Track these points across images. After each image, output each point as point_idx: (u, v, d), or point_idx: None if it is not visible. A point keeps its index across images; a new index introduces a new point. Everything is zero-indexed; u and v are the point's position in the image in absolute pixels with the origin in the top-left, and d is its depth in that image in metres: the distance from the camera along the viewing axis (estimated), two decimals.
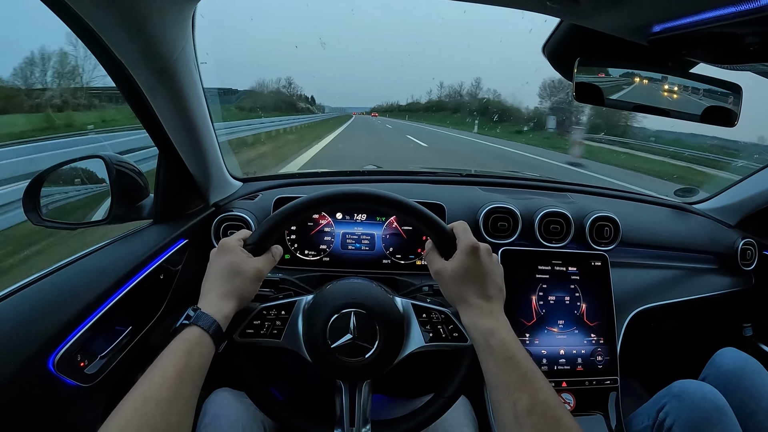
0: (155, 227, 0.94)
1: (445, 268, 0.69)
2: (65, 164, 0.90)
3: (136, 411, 0.49)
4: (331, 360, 0.69)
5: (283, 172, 1.67)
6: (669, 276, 1.23)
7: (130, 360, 0.80)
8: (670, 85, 0.82)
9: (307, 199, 0.71)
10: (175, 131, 0.85)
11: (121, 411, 0.49)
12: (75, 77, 8.83)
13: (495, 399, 0.60)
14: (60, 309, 0.68)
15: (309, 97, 71.76)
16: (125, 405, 0.50)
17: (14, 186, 3.44)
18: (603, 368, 0.99)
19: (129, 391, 0.51)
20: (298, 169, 4.30)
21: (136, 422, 0.48)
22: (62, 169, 0.91)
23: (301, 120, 18.13)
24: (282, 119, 16.01)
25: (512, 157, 10.88)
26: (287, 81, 49.01)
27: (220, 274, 0.67)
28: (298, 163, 7.51)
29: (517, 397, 0.57)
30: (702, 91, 0.82)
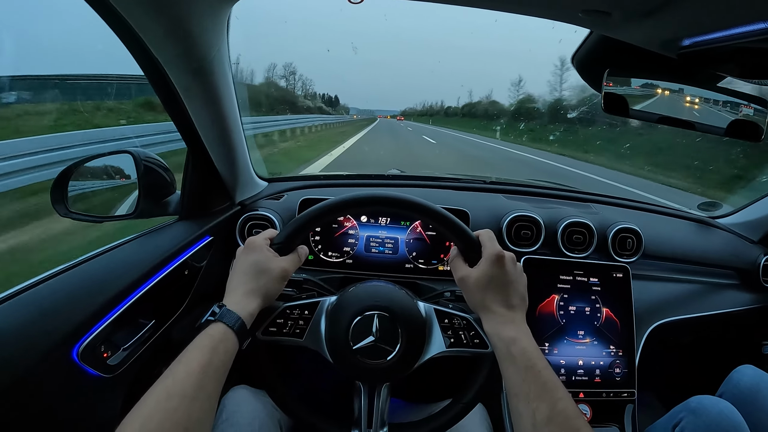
0: (181, 223, 0.97)
1: (470, 276, 0.71)
2: (94, 158, 0.94)
3: (159, 404, 0.51)
4: (352, 361, 0.71)
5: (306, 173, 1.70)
6: (690, 290, 1.24)
7: (151, 353, 0.82)
8: (696, 97, 0.84)
9: (335, 201, 0.74)
10: (206, 130, 0.89)
11: (145, 404, 0.51)
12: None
13: (514, 407, 0.62)
14: (87, 300, 0.71)
15: (332, 97, 71.89)
16: (148, 398, 0.52)
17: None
18: (621, 380, 1.01)
19: (152, 384, 0.53)
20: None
21: (159, 416, 0.50)
22: (90, 163, 0.94)
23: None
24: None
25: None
26: (289, 73, 48.18)
27: (246, 272, 0.69)
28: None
29: (536, 406, 0.59)
30: (729, 105, 0.84)
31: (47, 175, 3.99)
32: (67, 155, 4.39)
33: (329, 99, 71.01)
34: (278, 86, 42.19)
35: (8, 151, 4.01)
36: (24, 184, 3.92)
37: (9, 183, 3.85)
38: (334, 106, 66.65)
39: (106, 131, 5.90)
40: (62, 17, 13.89)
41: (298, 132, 15.04)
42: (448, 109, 69.85)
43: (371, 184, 1.35)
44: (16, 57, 5.96)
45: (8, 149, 4.05)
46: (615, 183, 7.77)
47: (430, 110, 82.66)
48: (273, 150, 9.94)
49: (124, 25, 0.65)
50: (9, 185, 3.84)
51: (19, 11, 5.98)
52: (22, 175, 3.96)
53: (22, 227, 3.21)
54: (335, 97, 74.96)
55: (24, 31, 6.21)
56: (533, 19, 0.76)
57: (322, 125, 20.09)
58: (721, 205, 1.43)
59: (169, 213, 0.97)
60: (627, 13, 0.66)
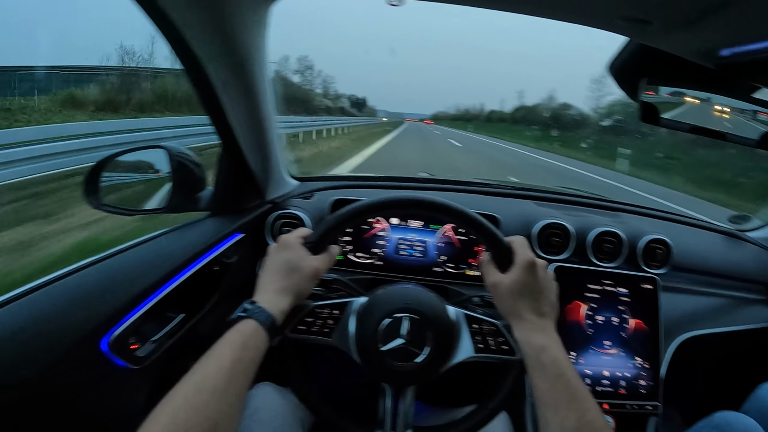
0: (212, 219, 0.99)
1: (502, 282, 0.72)
2: (127, 152, 0.96)
3: (188, 398, 0.52)
4: (379, 362, 0.72)
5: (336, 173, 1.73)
6: (717, 304, 1.23)
7: (178, 346, 0.84)
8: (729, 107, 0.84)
9: (371, 201, 0.75)
10: (241, 127, 0.90)
11: (174, 398, 0.52)
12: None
13: (542, 415, 0.63)
14: (118, 292, 0.72)
15: (360, 98, 71.88)
16: (178, 392, 0.52)
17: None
18: (645, 393, 1.00)
19: (178, 377, 0.54)
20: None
21: (189, 410, 0.50)
22: (123, 157, 0.96)
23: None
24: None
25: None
26: (304, 67, 47.49)
27: (279, 270, 0.71)
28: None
29: (565, 415, 0.60)
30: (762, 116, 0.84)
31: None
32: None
33: (356, 100, 71.01)
34: (287, 81, 41.08)
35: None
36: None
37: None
38: (360, 108, 66.50)
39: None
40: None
41: (313, 136, 14.39)
42: (491, 114, 67.46)
43: (401, 186, 1.36)
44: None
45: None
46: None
47: (466, 114, 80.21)
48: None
49: (167, 21, 0.67)
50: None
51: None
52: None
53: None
54: (363, 99, 74.99)
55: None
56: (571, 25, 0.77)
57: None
58: (751, 219, 1.42)
59: (199, 208, 0.99)
60: (667, 23, 0.67)
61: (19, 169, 4.25)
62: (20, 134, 5.07)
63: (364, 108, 68.34)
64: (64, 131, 5.12)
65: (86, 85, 6.27)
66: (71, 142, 4.88)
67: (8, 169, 4.14)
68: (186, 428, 0.49)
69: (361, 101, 72.21)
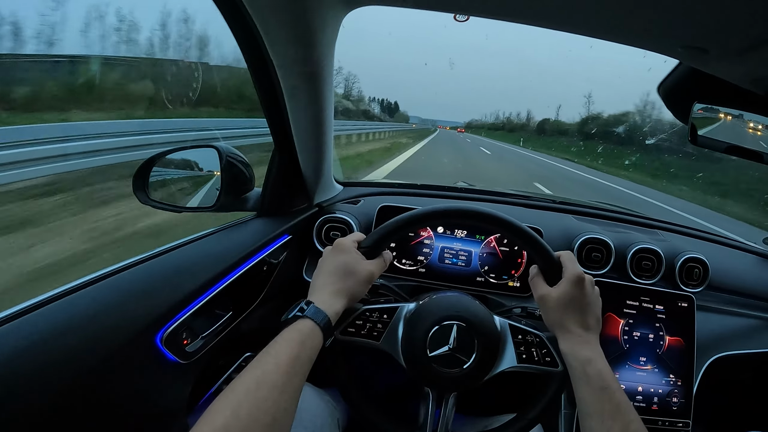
0: (260, 220, 1.02)
1: (550, 295, 0.74)
2: (179, 150, 0.98)
3: (249, 393, 0.53)
4: (426, 368, 0.75)
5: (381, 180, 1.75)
6: (752, 325, 1.23)
7: (223, 343, 0.86)
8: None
9: (424, 211, 0.78)
10: (300, 131, 0.93)
11: (234, 392, 0.53)
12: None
13: (587, 426, 0.66)
14: (172, 288, 0.74)
15: (391, 103, 70.93)
16: (238, 387, 0.54)
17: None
18: (677, 410, 1.01)
19: (219, 373, 0.56)
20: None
21: (250, 404, 0.52)
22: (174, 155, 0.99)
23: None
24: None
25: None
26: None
27: (334, 272, 0.73)
28: None
29: (610, 425, 0.62)
30: None
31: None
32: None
33: (388, 105, 70.23)
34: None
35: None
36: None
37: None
38: (392, 114, 65.68)
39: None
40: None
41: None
42: (544, 123, 61.07)
43: (443, 195, 1.38)
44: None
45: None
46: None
47: (508, 123, 76.33)
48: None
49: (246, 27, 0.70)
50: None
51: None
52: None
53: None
54: (394, 104, 74.09)
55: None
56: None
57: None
58: None
59: (247, 209, 1.02)
60: (723, 51, 0.69)
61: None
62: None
63: (396, 113, 67.48)
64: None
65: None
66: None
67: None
68: (248, 422, 0.51)
69: (393, 106, 71.52)
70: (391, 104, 71.45)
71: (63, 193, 3.74)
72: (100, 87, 5.35)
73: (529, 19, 0.72)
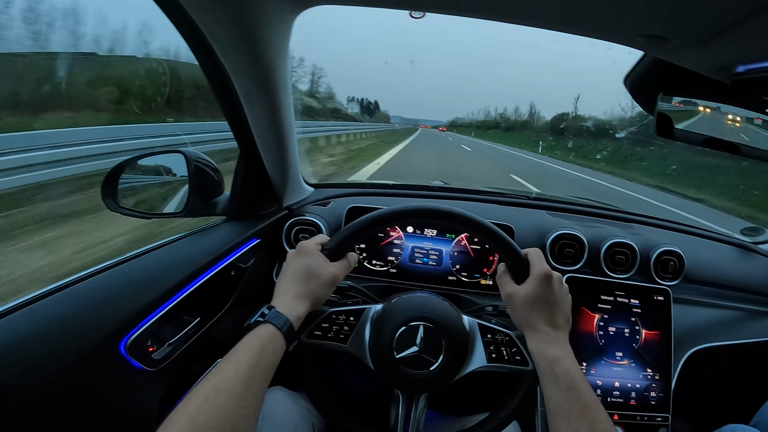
0: (229, 224, 1.01)
1: (517, 293, 0.73)
2: (146, 156, 0.98)
3: (207, 401, 0.53)
4: (394, 369, 0.74)
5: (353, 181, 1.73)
6: (729, 317, 1.23)
7: (193, 350, 0.85)
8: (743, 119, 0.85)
9: (388, 211, 0.76)
10: (261, 135, 0.93)
11: (193, 400, 0.53)
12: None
13: (555, 426, 0.64)
14: (137, 295, 0.73)
15: (371, 102, 70.08)
16: (196, 395, 0.53)
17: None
18: (655, 404, 1.01)
19: (192, 379, 0.55)
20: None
21: (208, 412, 0.51)
22: (142, 161, 0.98)
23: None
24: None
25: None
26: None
27: (297, 276, 0.72)
28: None
29: (577, 426, 0.61)
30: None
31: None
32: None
33: (368, 105, 69.63)
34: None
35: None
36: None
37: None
38: (372, 114, 65.15)
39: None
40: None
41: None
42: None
43: (416, 194, 1.38)
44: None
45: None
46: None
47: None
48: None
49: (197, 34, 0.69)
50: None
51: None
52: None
53: None
54: (374, 103, 73.37)
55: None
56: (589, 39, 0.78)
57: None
58: (764, 231, 1.42)
59: (216, 213, 1.01)
60: (685, 40, 0.68)
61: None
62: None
63: (375, 113, 66.77)
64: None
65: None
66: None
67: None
68: (205, 430, 0.50)
69: (373, 106, 70.86)
70: (371, 104, 70.88)
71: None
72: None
73: (484, 14, 0.70)
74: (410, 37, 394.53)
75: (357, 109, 59.22)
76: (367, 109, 65.59)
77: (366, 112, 63.65)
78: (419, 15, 0.74)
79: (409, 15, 0.74)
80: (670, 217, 1.44)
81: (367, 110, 64.85)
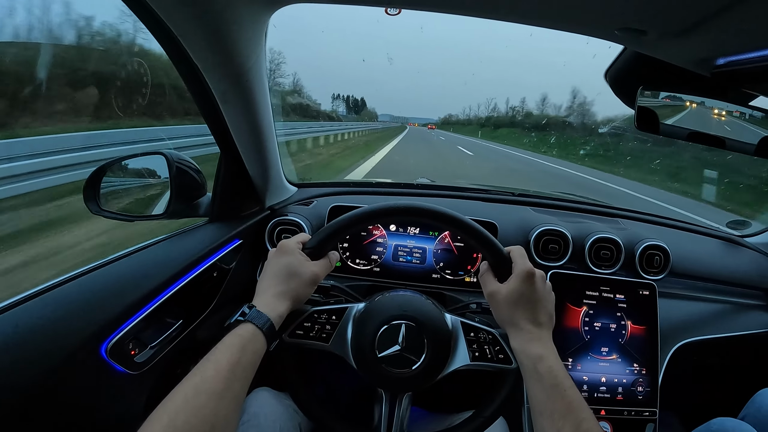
0: (211, 225, 1.00)
1: (499, 291, 0.73)
2: (128, 158, 0.97)
3: (187, 401, 0.52)
4: (376, 369, 0.73)
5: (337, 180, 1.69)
6: (715, 310, 1.23)
7: (177, 352, 0.85)
8: (727, 115, 0.85)
9: (369, 209, 0.76)
10: (240, 135, 0.92)
11: (172, 400, 0.52)
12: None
13: (539, 425, 0.64)
14: (118, 298, 0.73)
15: (358, 100, 68.26)
16: (176, 395, 0.53)
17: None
18: (643, 399, 1.00)
19: (177, 382, 0.54)
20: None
21: (187, 412, 0.51)
22: (123, 163, 0.98)
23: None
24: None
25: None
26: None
27: (278, 275, 0.71)
28: None
29: (561, 425, 0.61)
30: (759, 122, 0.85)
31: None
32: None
33: (354, 103, 68.47)
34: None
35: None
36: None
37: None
38: (358, 111, 63.83)
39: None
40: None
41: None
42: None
43: (400, 192, 1.37)
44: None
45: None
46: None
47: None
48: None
49: (166, 33, 0.68)
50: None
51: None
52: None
53: None
54: (361, 101, 72.04)
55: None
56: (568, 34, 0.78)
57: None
58: (750, 224, 1.43)
59: (199, 214, 1.00)
60: (662, 32, 0.68)
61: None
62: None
63: (362, 110, 65.46)
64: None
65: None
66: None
67: None
68: (185, 430, 0.50)
69: (359, 103, 69.68)
70: (357, 101, 69.56)
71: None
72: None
73: (459, 9, 0.70)
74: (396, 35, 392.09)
75: (343, 108, 58.09)
76: (354, 107, 64.67)
77: (353, 111, 62.45)
78: (395, 12, 0.74)
79: (385, 12, 0.73)
80: (656, 211, 1.43)
81: (354, 108, 63.96)
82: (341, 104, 61.68)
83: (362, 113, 61.50)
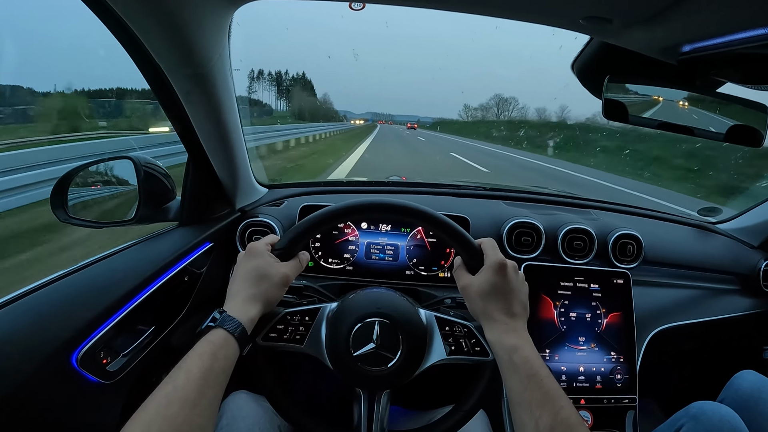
0: (181, 229, 0.97)
1: (472, 284, 0.71)
2: (94, 163, 0.94)
3: (159, 411, 0.51)
4: (352, 368, 0.71)
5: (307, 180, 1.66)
6: (690, 296, 1.23)
7: (151, 359, 0.82)
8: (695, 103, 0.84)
9: (337, 207, 0.74)
10: (206, 136, 0.89)
11: (145, 411, 0.51)
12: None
13: (517, 416, 0.62)
14: (87, 306, 0.70)
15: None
16: (149, 405, 0.51)
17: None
18: (622, 387, 1.00)
19: (152, 390, 0.53)
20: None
21: (160, 422, 0.50)
22: (90, 169, 0.94)
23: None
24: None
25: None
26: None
27: (248, 278, 0.69)
28: None
29: (539, 414, 0.59)
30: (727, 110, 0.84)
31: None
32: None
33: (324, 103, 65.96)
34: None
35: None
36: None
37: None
38: (315, 112, 60.74)
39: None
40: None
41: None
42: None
43: (372, 190, 1.36)
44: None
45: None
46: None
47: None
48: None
49: (126, 31, 0.65)
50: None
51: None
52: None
53: None
54: (324, 98, 70.14)
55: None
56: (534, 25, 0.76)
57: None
58: (721, 211, 1.44)
59: (169, 219, 0.97)
60: (627, 20, 0.67)
61: None
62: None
63: (321, 110, 61.71)
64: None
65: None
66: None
67: None
68: None
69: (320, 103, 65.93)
70: (320, 101, 66.41)
71: None
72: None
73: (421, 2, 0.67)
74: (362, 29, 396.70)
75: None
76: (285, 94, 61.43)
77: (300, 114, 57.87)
78: (359, 6, 0.71)
79: (349, 7, 0.71)
80: (629, 201, 1.43)
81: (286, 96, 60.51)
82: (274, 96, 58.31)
83: (323, 113, 56.74)
